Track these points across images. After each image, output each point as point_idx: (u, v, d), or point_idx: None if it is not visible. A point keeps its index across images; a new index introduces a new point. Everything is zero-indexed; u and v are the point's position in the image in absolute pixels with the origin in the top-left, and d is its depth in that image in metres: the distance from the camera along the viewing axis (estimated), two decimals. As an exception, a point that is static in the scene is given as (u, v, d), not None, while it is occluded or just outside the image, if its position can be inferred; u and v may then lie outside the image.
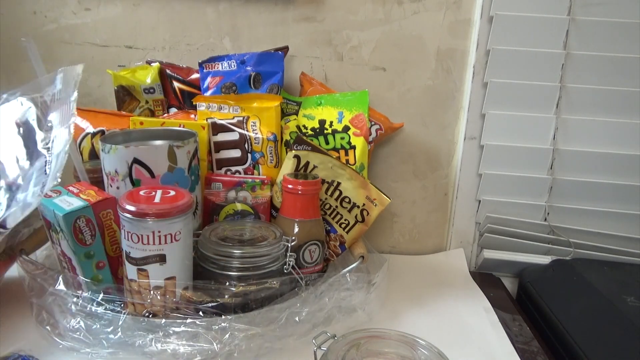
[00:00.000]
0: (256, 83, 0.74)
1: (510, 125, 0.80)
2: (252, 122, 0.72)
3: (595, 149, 0.79)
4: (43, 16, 0.81)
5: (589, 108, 0.79)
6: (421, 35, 0.81)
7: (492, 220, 0.84)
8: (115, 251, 0.59)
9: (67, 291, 0.56)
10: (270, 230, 0.65)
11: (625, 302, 0.67)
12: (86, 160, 0.72)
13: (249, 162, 0.72)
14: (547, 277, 0.79)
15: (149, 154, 0.60)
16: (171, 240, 0.54)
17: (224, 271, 0.59)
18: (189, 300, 0.56)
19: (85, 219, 0.56)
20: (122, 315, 0.54)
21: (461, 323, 0.68)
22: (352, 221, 0.71)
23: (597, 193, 0.81)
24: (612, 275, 0.76)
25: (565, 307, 0.70)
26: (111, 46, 0.82)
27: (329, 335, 0.51)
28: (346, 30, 0.81)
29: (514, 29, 0.77)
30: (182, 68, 0.79)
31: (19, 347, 0.53)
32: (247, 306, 0.58)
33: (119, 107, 0.77)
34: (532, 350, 0.64)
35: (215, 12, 0.80)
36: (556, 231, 0.82)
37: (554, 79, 0.78)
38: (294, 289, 0.61)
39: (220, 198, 0.70)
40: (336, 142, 0.75)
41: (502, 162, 0.82)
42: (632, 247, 0.81)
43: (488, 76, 0.79)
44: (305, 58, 0.82)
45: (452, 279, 0.82)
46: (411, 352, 0.50)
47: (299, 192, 0.66)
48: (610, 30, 0.76)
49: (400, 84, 0.83)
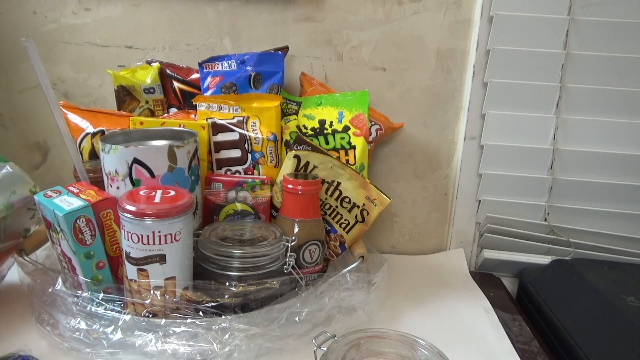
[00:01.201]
0: (256, 83, 0.74)
1: (510, 125, 0.80)
2: (252, 122, 0.72)
3: (595, 149, 0.79)
4: (43, 16, 0.81)
5: (589, 108, 0.79)
6: (421, 35, 0.81)
7: (492, 220, 0.84)
8: (115, 251, 0.59)
9: (67, 291, 0.57)
10: (270, 230, 0.65)
11: (625, 302, 0.67)
12: (86, 160, 0.72)
13: (249, 162, 0.72)
14: (547, 277, 0.79)
15: (149, 154, 0.60)
16: (171, 240, 0.54)
17: (224, 271, 0.59)
18: (189, 300, 0.56)
19: (85, 219, 0.56)
20: (122, 315, 0.54)
21: (461, 323, 0.68)
22: (352, 221, 0.71)
23: (597, 193, 0.81)
24: (612, 275, 0.76)
25: (565, 307, 0.70)
26: (111, 46, 0.82)
27: (329, 335, 0.51)
28: (346, 30, 0.81)
29: (514, 29, 0.77)
30: (182, 68, 0.79)
31: (19, 347, 0.53)
32: (247, 306, 0.59)
33: (119, 107, 0.77)
34: (532, 350, 0.64)
35: (215, 12, 0.80)
36: (556, 231, 0.82)
37: (554, 79, 0.78)
38: (294, 289, 0.61)
39: (220, 198, 0.70)
40: (336, 142, 0.75)
41: (502, 162, 0.82)
42: (632, 247, 0.81)
43: (488, 76, 0.79)
44: (305, 58, 0.82)
45: (452, 279, 0.81)
46: (411, 352, 0.50)
47: (299, 192, 0.66)
48: (610, 30, 0.76)
49: (400, 84, 0.83)
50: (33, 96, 0.85)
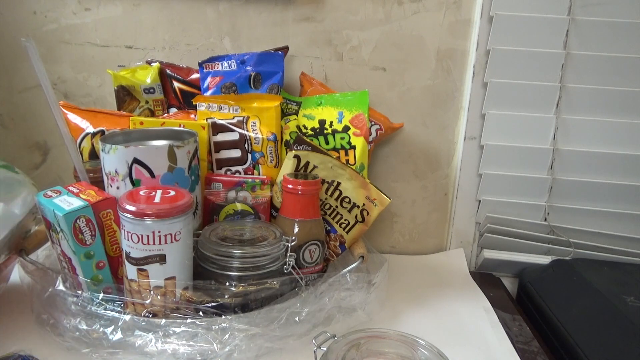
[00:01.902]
0: (256, 83, 0.74)
1: (510, 125, 0.80)
2: (252, 122, 0.72)
3: (595, 149, 0.79)
4: (43, 16, 0.81)
5: (589, 108, 0.79)
6: (421, 35, 0.81)
7: (492, 220, 0.84)
8: (115, 251, 0.59)
9: (67, 291, 0.57)
10: (270, 230, 0.65)
11: (625, 302, 0.67)
12: (86, 160, 0.72)
13: (249, 162, 0.72)
14: (547, 277, 0.79)
15: (149, 154, 0.60)
16: (171, 240, 0.54)
17: (224, 271, 0.59)
18: (189, 300, 0.56)
19: (85, 219, 0.56)
20: (122, 315, 0.54)
21: (461, 323, 0.68)
22: (352, 221, 0.71)
23: (597, 193, 0.81)
24: (612, 275, 0.76)
25: (565, 307, 0.69)
26: (111, 46, 0.82)
27: (329, 335, 0.51)
28: (346, 30, 0.81)
29: (514, 29, 0.77)
30: (182, 68, 0.79)
31: (19, 347, 0.53)
32: (247, 306, 0.58)
33: (119, 107, 0.77)
34: (532, 350, 0.64)
35: (215, 12, 0.80)
36: (556, 231, 0.82)
37: (554, 79, 0.78)
38: (294, 289, 0.61)
39: (220, 198, 0.70)
40: (336, 142, 0.75)
41: (502, 162, 0.82)
42: (632, 247, 0.81)
43: (488, 76, 0.79)
44: (305, 58, 0.82)
45: (452, 279, 0.81)
46: (411, 352, 0.50)
47: (299, 192, 0.66)
48: (610, 30, 0.76)
49: (400, 84, 0.83)
50: (33, 96, 0.85)
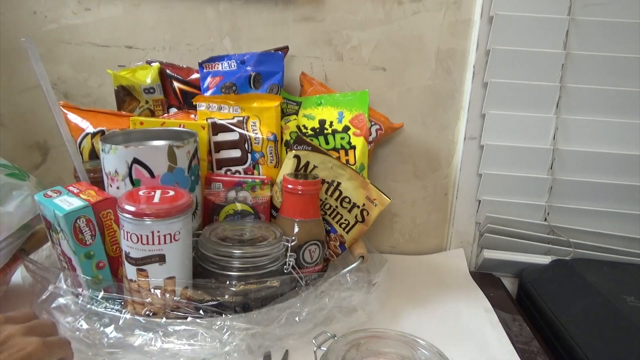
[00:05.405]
0: (256, 83, 0.74)
1: (510, 125, 0.80)
2: (252, 122, 0.72)
3: (595, 149, 0.79)
4: (43, 16, 0.81)
5: (589, 108, 0.79)
6: (421, 35, 0.81)
7: (492, 220, 0.84)
8: (115, 251, 0.59)
9: (68, 291, 0.56)
10: (270, 230, 0.65)
11: (625, 302, 0.67)
12: (86, 160, 0.72)
13: (249, 162, 0.72)
14: (547, 277, 0.79)
15: (149, 154, 0.60)
16: (171, 240, 0.54)
17: (224, 271, 0.59)
18: (189, 299, 0.56)
19: (85, 219, 0.56)
20: (123, 314, 0.54)
21: (461, 323, 0.68)
22: (352, 221, 0.71)
23: (597, 193, 0.81)
24: (612, 275, 0.76)
25: (565, 307, 0.69)
26: (111, 46, 0.82)
27: (329, 335, 0.51)
28: (346, 30, 0.81)
29: (514, 29, 0.77)
30: (182, 68, 0.79)
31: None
32: (248, 305, 0.58)
33: (119, 107, 0.77)
34: (532, 350, 0.64)
35: (215, 12, 0.80)
36: (556, 231, 0.82)
37: (554, 79, 0.78)
38: (294, 289, 0.61)
39: (220, 198, 0.70)
40: (336, 142, 0.75)
41: (502, 162, 0.82)
42: (632, 247, 0.81)
43: (488, 76, 0.79)
44: (305, 58, 0.82)
45: (452, 279, 0.81)
46: (411, 352, 0.50)
47: (299, 192, 0.66)
48: (610, 30, 0.76)
49: (400, 84, 0.83)
50: (33, 96, 0.85)
